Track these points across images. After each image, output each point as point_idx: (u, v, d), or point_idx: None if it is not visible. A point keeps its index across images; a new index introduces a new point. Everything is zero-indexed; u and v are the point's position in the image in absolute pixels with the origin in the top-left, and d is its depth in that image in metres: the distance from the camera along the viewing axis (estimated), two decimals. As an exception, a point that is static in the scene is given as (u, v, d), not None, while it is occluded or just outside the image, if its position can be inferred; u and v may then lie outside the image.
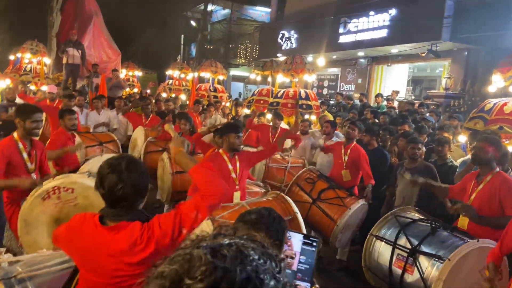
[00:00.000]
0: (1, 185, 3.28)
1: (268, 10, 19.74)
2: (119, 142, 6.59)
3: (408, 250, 3.18)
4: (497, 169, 3.40)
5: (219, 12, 24.56)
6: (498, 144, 3.45)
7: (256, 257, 0.73)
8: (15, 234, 3.41)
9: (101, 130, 7.24)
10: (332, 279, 4.82)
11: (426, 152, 5.70)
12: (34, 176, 3.59)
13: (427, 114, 8.37)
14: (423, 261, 3.07)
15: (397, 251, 3.28)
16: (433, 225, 3.29)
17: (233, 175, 3.83)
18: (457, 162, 5.06)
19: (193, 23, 24.74)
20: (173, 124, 7.09)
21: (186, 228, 1.77)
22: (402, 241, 3.31)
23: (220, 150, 3.92)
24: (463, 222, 3.44)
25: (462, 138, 5.97)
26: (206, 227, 3.07)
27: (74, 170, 4.52)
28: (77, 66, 10.81)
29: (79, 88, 10.41)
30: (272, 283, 0.70)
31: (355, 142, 5.24)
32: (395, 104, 10.57)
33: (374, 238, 3.55)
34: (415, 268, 3.07)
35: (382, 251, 3.45)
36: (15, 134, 3.48)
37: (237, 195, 3.82)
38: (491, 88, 5.70)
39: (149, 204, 5.91)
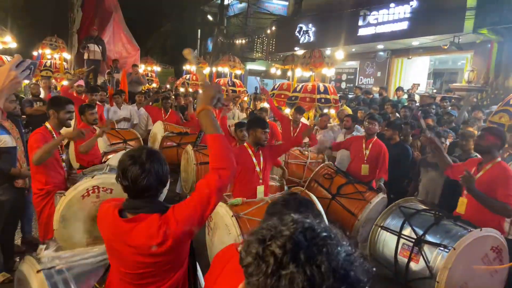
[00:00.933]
0: (50, 147, 3.28)
1: (285, 3, 19.59)
2: (141, 137, 6.71)
3: (413, 240, 3.26)
4: (499, 159, 3.47)
5: (236, 5, 24.48)
6: (500, 134, 3.52)
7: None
8: (41, 227, 3.49)
9: (123, 125, 7.36)
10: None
11: (450, 146, 5.62)
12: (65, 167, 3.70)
13: (449, 108, 8.21)
14: (428, 250, 3.15)
15: (402, 240, 3.37)
16: (437, 215, 3.36)
17: (257, 168, 3.87)
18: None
19: (209, 17, 24.75)
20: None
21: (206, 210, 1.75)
22: (407, 231, 3.39)
23: (245, 144, 3.96)
24: (461, 206, 3.52)
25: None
26: (231, 226, 3.10)
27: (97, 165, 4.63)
28: (98, 62, 10.99)
29: (100, 84, 10.58)
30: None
31: (376, 137, 5.18)
32: (416, 97, 10.40)
33: (379, 229, 3.65)
34: (421, 257, 3.14)
35: (387, 241, 3.54)
36: (48, 125, 3.54)
37: (260, 189, 3.85)
38: (516, 81, 5.56)
39: (169, 198, 5.99)
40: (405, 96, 10.40)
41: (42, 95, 7.68)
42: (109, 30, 12.69)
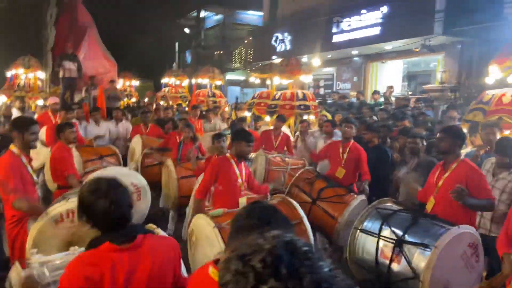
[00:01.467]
0: (30, 209, 3.17)
1: (261, 13, 19.83)
2: (120, 153, 6.62)
3: (393, 241, 3.22)
4: (462, 157, 3.57)
5: (212, 18, 24.66)
6: (458, 132, 3.62)
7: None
8: (15, 257, 3.23)
9: (100, 142, 7.25)
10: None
11: (427, 146, 5.75)
12: (38, 189, 3.59)
13: (424, 109, 8.43)
14: (409, 250, 3.12)
15: (382, 242, 3.31)
16: (414, 215, 3.36)
17: (240, 180, 3.86)
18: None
19: (186, 30, 24.83)
20: (174, 130, 7.15)
21: None
22: (386, 232, 3.34)
23: (228, 154, 3.95)
24: (429, 205, 3.59)
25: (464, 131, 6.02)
26: (214, 238, 3.02)
27: (76, 185, 4.53)
28: (74, 79, 10.82)
29: (77, 101, 10.43)
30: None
31: (353, 140, 5.25)
32: (392, 100, 10.63)
33: (358, 231, 3.57)
34: (402, 257, 3.11)
35: (367, 244, 3.47)
36: (14, 149, 3.37)
37: (242, 200, 3.83)
38: (489, 80, 5.75)
39: (153, 214, 5.92)
40: (382, 99, 10.62)
41: (14, 115, 7.52)
42: (84, 46, 12.52)
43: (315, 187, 4.89)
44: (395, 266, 3.16)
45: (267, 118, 8.84)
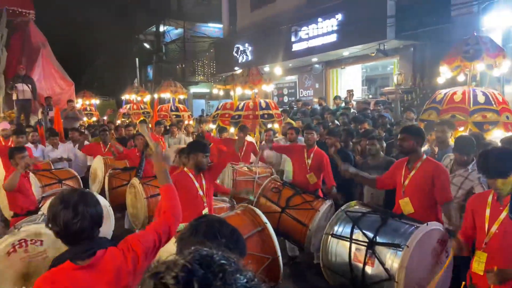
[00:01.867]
0: None
1: (220, 25, 19.93)
2: (79, 176, 6.40)
3: (365, 244, 3.21)
4: (425, 156, 3.67)
5: (172, 32, 24.52)
6: (418, 131, 3.74)
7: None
8: None
9: (61, 165, 6.98)
10: (310, 283, 4.84)
11: (387, 147, 5.91)
12: None
13: (383, 111, 8.68)
14: (381, 251, 3.11)
15: (354, 246, 3.30)
16: (383, 216, 3.37)
17: (200, 192, 3.80)
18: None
19: (146, 45, 24.55)
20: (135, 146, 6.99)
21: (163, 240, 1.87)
22: (357, 235, 3.34)
23: (185, 169, 3.88)
24: (407, 206, 3.63)
25: (419, 130, 6.22)
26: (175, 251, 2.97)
27: (34, 211, 4.33)
28: (29, 101, 10.44)
29: (33, 124, 10.03)
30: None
31: (316, 146, 5.31)
32: (353, 103, 10.89)
33: (330, 237, 3.53)
34: (375, 259, 3.10)
35: (339, 249, 3.44)
36: None
37: (205, 212, 3.78)
38: (440, 80, 5.99)
39: (117, 235, 5.76)
40: (343, 104, 10.86)
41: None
42: (38, 67, 12.13)
43: (282, 196, 4.90)
44: (369, 269, 3.14)
45: (232, 130, 8.83)
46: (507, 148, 2.90)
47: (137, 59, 24.54)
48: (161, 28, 23.34)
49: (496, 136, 4.77)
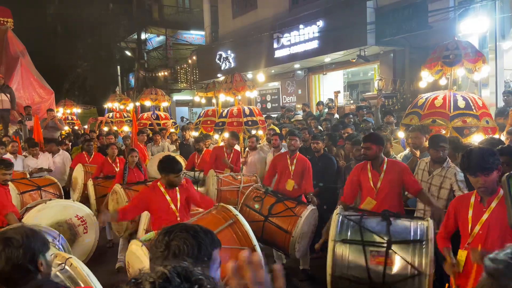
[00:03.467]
0: None
1: (202, 33, 19.93)
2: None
3: (384, 244, 3.16)
4: (385, 158, 3.99)
5: (154, 39, 24.40)
6: (378, 137, 4.04)
7: None
8: None
9: (40, 175, 6.85)
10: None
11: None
12: None
13: (365, 116, 8.79)
14: (401, 249, 3.12)
15: (369, 248, 3.21)
16: (383, 216, 3.40)
17: (172, 206, 3.74)
18: (398, 157, 5.35)
19: (128, 53, 24.35)
20: (119, 155, 6.95)
21: None
22: (369, 237, 3.26)
23: (158, 183, 3.83)
24: (370, 204, 3.86)
25: (401, 134, 6.33)
26: (143, 255, 2.86)
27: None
28: (7, 111, 10.20)
29: (12, 133, 9.80)
30: None
31: (298, 152, 5.33)
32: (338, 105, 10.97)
33: (339, 243, 3.31)
34: (397, 258, 3.10)
35: (352, 254, 3.27)
36: None
37: None
38: (422, 84, 6.08)
39: (102, 246, 5.68)
40: (326, 109, 10.97)
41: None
42: (17, 76, 11.88)
43: (265, 204, 4.90)
44: (390, 269, 3.11)
45: (216, 136, 8.80)
46: (489, 147, 2.98)
47: (118, 67, 24.31)
48: (143, 36, 23.19)
49: (475, 140, 4.87)
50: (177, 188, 3.80)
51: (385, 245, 3.17)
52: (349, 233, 3.35)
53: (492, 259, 1.09)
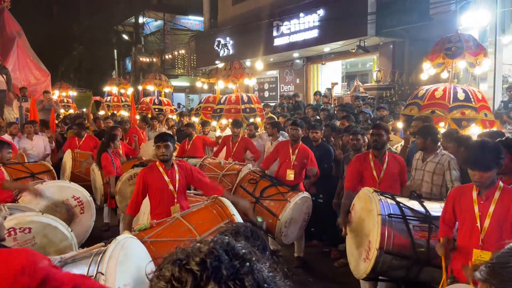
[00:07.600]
0: None
1: (201, 18, 19.72)
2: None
3: (424, 219, 3.32)
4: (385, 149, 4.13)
5: (152, 23, 24.14)
6: (386, 127, 4.20)
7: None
8: None
9: (33, 158, 6.79)
10: (292, 277, 4.90)
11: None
12: None
13: (363, 107, 8.82)
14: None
15: (412, 222, 3.30)
16: (412, 195, 3.56)
17: (171, 187, 3.68)
18: (396, 148, 5.40)
19: (125, 36, 24.07)
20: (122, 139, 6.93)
21: None
22: (408, 213, 3.35)
23: (157, 162, 3.79)
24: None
25: (400, 125, 6.36)
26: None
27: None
28: (3, 92, 10.10)
29: (6, 115, 9.73)
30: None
31: (301, 142, 5.34)
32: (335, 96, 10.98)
33: (386, 217, 3.27)
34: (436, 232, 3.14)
35: (396, 230, 3.26)
36: None
37: (175, 209, 3.64)
38: (423, 76, 6.08)
39: (98, 228, 5.70)
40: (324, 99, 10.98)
41: None
42: (13, 57, 11.71)
43: (258, 187, 4.97)
44: (434, 242, 3.15)
45: (214, 123, 8.79)
46: (495, 142, 2.88)
47: (115, 51, 24.05)
48: (141, 20, 22.91)
49: (473, 132, 4.91)
50: (176, 168, 3.75)
51: (424, 220, 3.33)
52: (388, 209, 3.34)
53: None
